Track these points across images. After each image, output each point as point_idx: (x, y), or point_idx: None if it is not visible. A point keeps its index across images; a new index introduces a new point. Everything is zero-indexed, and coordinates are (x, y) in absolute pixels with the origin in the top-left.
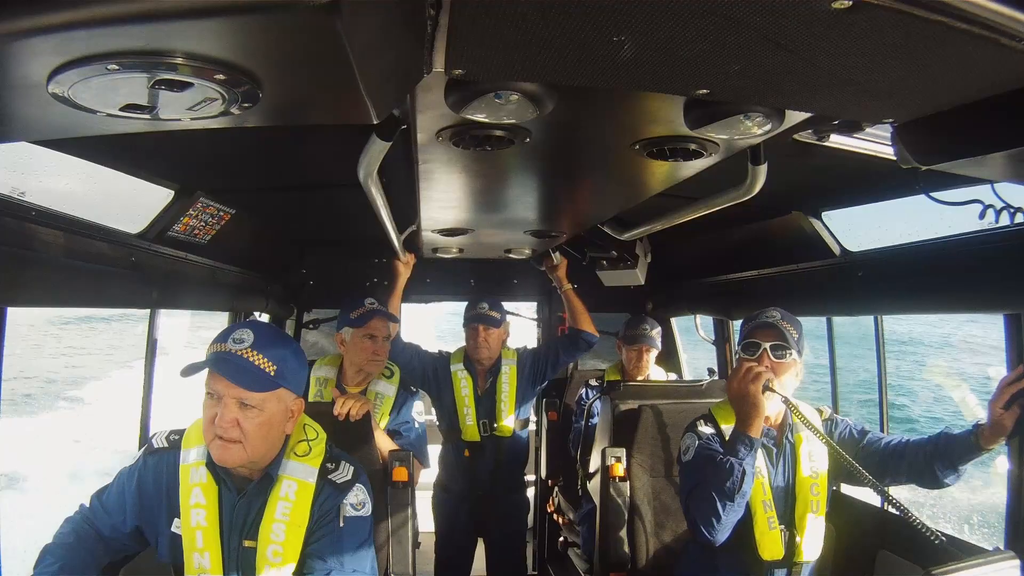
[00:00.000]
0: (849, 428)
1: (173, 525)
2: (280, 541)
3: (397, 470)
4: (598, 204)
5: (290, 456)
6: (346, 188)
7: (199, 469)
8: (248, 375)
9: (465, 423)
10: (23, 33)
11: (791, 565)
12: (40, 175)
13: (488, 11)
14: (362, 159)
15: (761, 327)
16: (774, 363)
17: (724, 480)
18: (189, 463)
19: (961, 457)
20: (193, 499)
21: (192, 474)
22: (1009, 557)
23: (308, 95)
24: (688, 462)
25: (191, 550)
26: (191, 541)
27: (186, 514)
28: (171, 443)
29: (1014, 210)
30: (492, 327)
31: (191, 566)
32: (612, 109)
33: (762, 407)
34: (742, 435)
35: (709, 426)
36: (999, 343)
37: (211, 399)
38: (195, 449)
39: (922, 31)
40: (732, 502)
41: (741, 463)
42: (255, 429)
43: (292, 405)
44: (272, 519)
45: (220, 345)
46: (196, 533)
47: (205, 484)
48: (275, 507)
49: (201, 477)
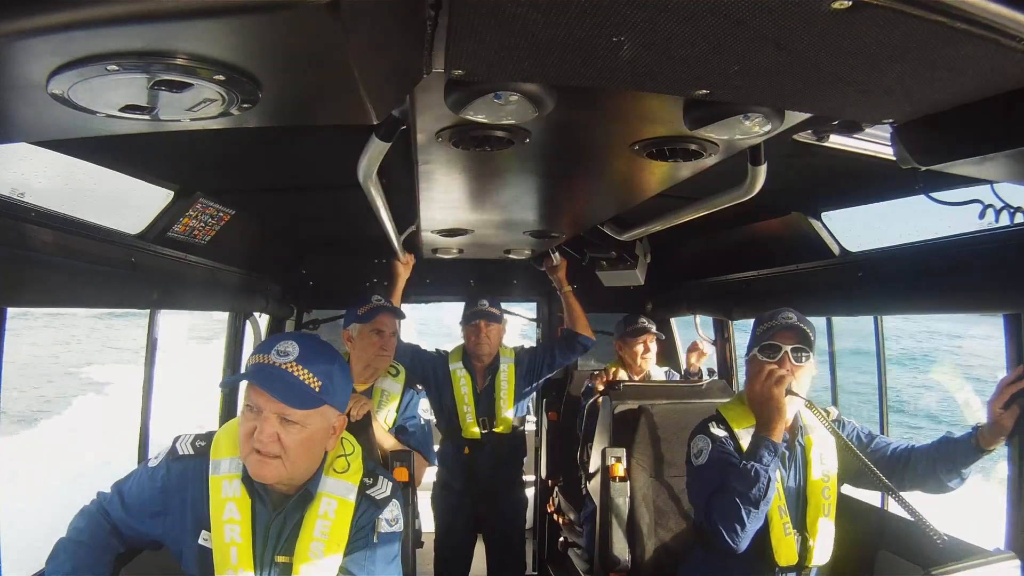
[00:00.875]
0: (856, 431)
1: (200, 538)
2: (318, 561)
3: (397, 470)
4: (598, 204)
5: (329, 472)
6: (346, 188)
7: (233, 482)
8: (292, 391)
9: (465, 420)
10: (23, 33)
11: (801, 569)
12: (40, 175)
13: (488, 11)
14: (362, 160)
15: (783, 329)
16: (794, 366)
17: (750, 487)
18: (220, 474)
19: (963, 460)
20: (227, 514)
21: (225, 487)
22: (1009, 557)
23: (308, 95)
24: (701, 466)
25: (224, 566)
26: (224, 557)
27: (219, 529)
28: (197, 450)
29: (1014, 210)
30: (493, 323)
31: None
32: (612, 109)
33: (785, 411)
34: (766, 440)
35: (721, 428)
36: (985, 354)
37: (250, 412)
38: (226, 460)
39: (922, 31)
40: (757, 509)
41: (767, 469)
42: (296, 446)
43: (335, 422)
44: (310, 537)
45: (263, 356)
46: (231, 550)
47: (239, 499)
48: (314, 525)
49: (235, 491)
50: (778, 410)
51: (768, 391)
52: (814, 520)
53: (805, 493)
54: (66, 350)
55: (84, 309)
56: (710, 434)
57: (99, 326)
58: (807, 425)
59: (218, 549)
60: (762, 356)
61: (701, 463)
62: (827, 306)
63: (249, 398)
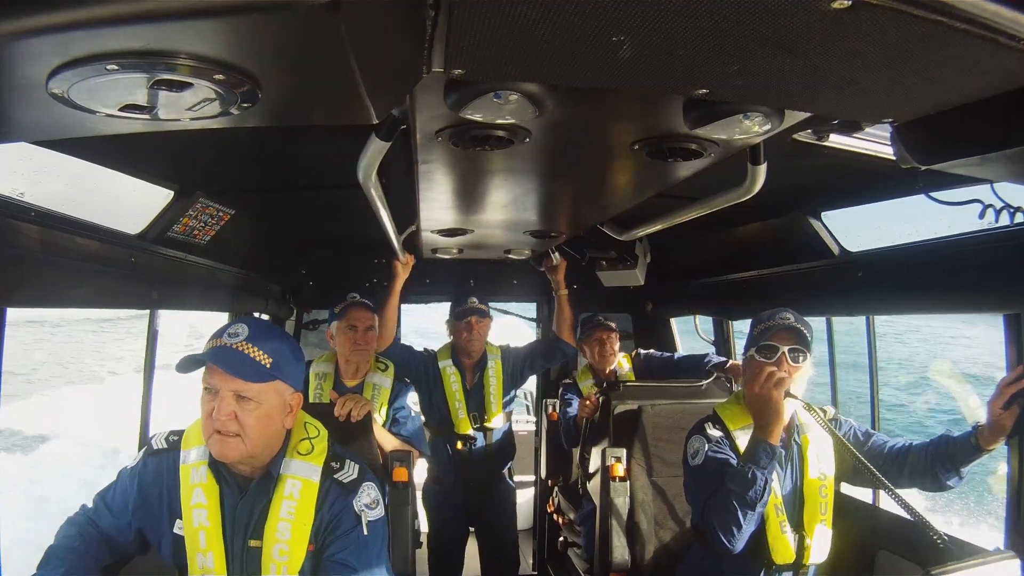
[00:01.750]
0: (853, 430)
1: (175, 527)
2: (286, 540)
3: (397, 470)
4: (598, 204)
5: (292, 455)
6: (345, 188)
7: (200, 469)
8: (244, 366)
9: (457, 416)
10: (23, 33)
11: (799, 568)
12: (40, 175)
13: (488, 11)
14: (361, 159)
15: (780, 330)
16: (791, 367)
17: (746, 490)
18: (189, 463)
19: (962, 459)
20: (195, 499)
21: (193, 474)
22: (1009, 557)
23: (308, 95)
24: (697, 467)
25: (195, 550)
26: (194, 542)
27: (188, 514)
28: (171, 444)
29: (1014, 210)
30: (484, 318)
31: (195, 567)
32: (612, 109)
33: (783, 413)
34: (764, 442)
35: (717, 429)
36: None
37: (208, 394)
38: (195, 449)
39: (922, 31)
40: (753, 511)
41: (764, 472)
42: (253, 422)
43: (290, 399)
44: (277, 518)
45: (216, 340)
46: (199, 534)
47: (206, 484)
48: (280, 506)
49: (202, 477)
50: (776, 412)
51: (767, 394)
52: (811, 519)
53: (802, 492)
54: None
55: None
56: (706, 434)
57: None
58: (804, 424)
59: (188, 534)
60: (760, 357)
61: (697, 464)
62: (827, 306)
63: (206, 380)
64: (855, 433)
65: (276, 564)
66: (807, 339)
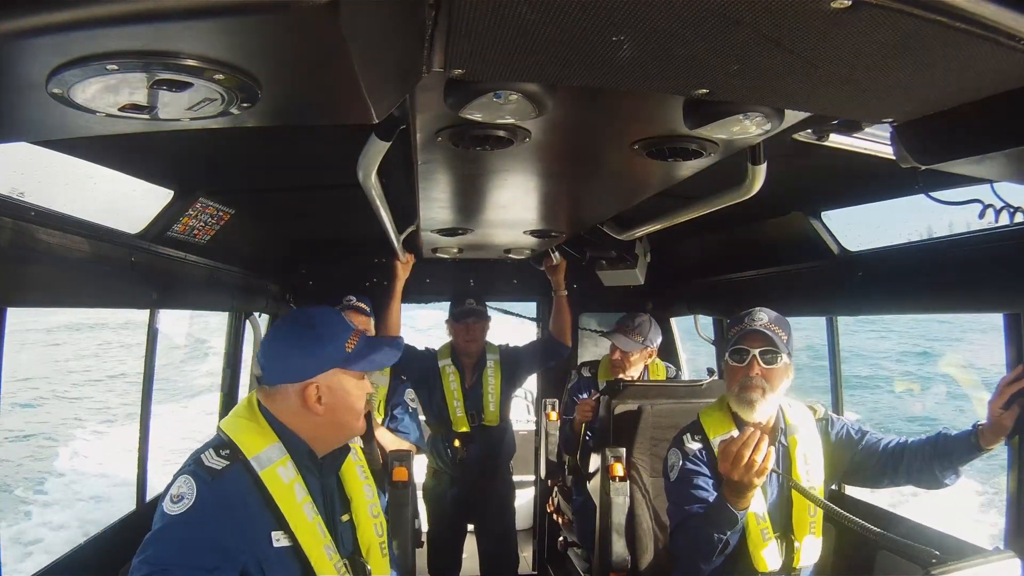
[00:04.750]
0: (847, 428)
1: (274, 541)
2: (372, 499)
3: (397, 470)
4: (598, 204)
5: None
6: (346, 188)
7: (287, 465)
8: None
9: (456, 414)
10: (23, 33)
11: (790, 571)
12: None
13: (488, 11)
14: (361, 159)
15: (750, 332)
16: (764, 370)
17: (709, 553)
18: (270, 466)
19: (961, 458)
20: (298, 496)
21: (281, 474)
22: (1009, 557)
23: (308, 95)
24: (673, 483)
25: (317, 543)
26: (314, 536)
27: (297, 513)
28: (227, 458)
29: (1014, 210)
30: (481, 320)
31: (322, 559)
32: (612, 109)
33: (756, 486)
34: (727, 509)
35: (696, 440)
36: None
37: (360, 380)
38: (265, 451)
39: (922, 31)
40: (718, 555)
41: (725, 536)
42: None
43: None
44: (358, 481)
45: (355, 335)
46: (316, 526)
47: (295, 478)
48: (355, 472)
49: (292, 473)
50: (751, 487)
51: (749, 480)
52: (800, 521)
53: (789, 495)
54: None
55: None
56: (683, 448)
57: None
58: (791, 425)
59: (304, 530)
60: (732, 361)
61: (673, 479)
62: (827, 306)
63: (361, 372)
64: (848, 432)
65: (375, 523)
66: (779, 341)
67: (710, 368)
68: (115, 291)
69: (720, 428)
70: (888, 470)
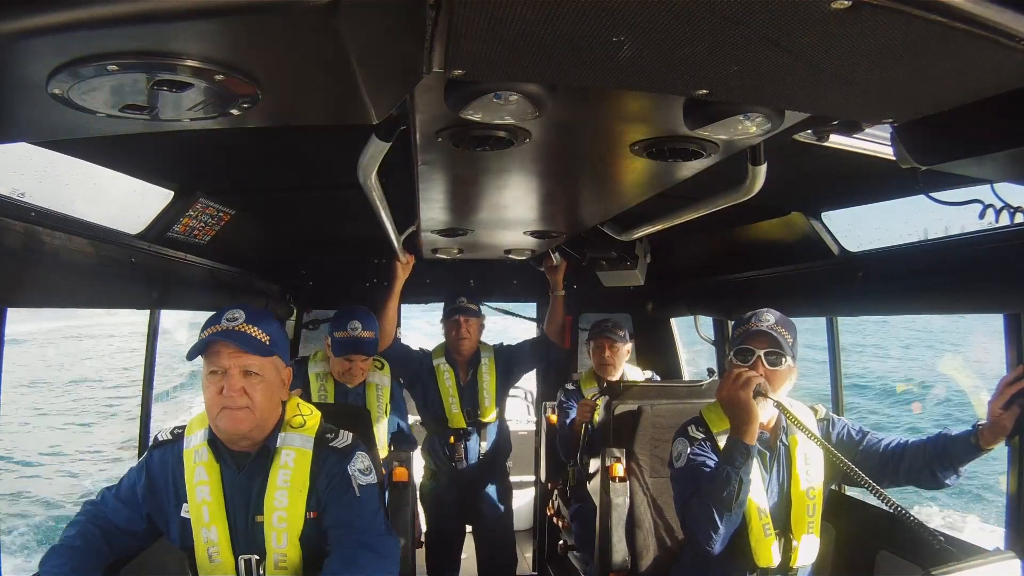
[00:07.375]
0: (847, 428)
1: (182, 510)
2: (284, 507)
3: (397, 470)
4: (598, 204)
5: (286, 429)
6: (346, 188)
7: (201, 450)
8: (251, 343)
9: (451, 412)
10: (23, 33)
11: (787, 570)
12: (40, 175)
13: (488, 11)
14: (361, 159)
15: (756, 333)
16: (768, 371)
17: (721, 490)
18: (192, 447)
19: (961, 458)
20: (197, 478)
21: (195, 456)
22: (1009, 557)
23: (308, 95)
24: (680, 469)
25: (199, 525)
26: (198, 516)
27: (192, 493)
28: (175, 435)
29: (1014, 210)
30: (472, 317)
31: (200, 541)
32: (612, 109)
33: (755, 413)
34: (738, 443)
35: (700, 431)
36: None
37: (214, 376)
38: (197, 433)
39: (922, 31)
40: (730, 512)
41: (738, 472)
42: (260, 394)
43: (283, 374)
44: (275, 487)
45: (216, 326)
46: (202, 508)
47: (207, 462)
48: (276, 476)
49: (202, 456)
50: (747, 412)
51: (736, 394)
52: (799, 521)
53: (789, 493)
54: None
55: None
56: (688, 437)
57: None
58: (791, 425)
59: (193, 511)
60: (736, 360)
61: (680, 466)
62: (827, 306)
63: (212, 364)
64: (848, 432)
65: (276, 532)
66: (784, 342)
67: (710, 368)
68: (115, 291)
69: (723, 423)
70: (888, 470)
